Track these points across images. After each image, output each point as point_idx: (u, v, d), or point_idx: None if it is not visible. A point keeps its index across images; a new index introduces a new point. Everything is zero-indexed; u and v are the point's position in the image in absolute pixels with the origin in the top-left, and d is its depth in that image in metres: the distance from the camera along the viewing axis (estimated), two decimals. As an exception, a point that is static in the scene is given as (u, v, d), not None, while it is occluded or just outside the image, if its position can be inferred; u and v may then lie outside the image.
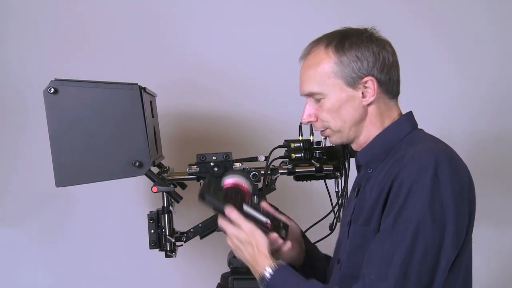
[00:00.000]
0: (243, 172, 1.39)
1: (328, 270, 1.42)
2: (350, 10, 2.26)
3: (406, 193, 1.11)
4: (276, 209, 1.45)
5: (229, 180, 1.35)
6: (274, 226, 1.28)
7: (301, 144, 1.64)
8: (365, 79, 1.24)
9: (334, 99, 1.25)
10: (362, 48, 1.24)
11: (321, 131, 1.31)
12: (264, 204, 1.34)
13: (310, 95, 1.28)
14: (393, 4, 2.28)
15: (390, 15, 2.27)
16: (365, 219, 1.21)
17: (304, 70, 1.28)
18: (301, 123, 1.67)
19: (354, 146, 1.32)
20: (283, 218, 1.36)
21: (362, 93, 1.25)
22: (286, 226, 1.33)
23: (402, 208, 1.11)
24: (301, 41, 2.29)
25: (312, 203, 2.08)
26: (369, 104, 1.25)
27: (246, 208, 1.27)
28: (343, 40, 1.25)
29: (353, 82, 1.24)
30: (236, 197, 1.30)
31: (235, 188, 1.34)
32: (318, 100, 1.27)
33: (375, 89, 1.24)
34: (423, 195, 1.10)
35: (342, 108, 1.25)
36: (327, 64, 1.24)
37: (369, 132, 1.28)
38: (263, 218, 1.28)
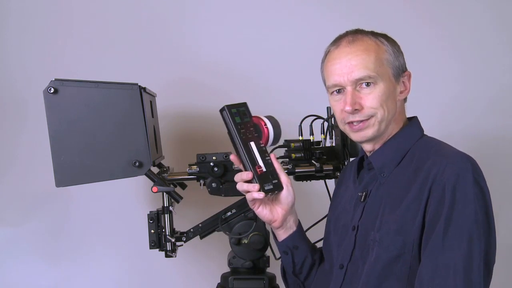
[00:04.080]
0: (277, 122, 1.38)
1: (321, 274, 1.41)
2: (351, 11, 2.26)
3: (451, 201, 1.10)
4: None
5: (260, 116, 1.35)
6: (262, 175, 1.26)
7: (301, 144, 1.64)
8: (406, 73, 1.27)
9: (384, 87, 1.23)
10: (398, 45, 1.28)
11: (360, 122, 1.24)
12: (273, 156, 1.30)
13: (361, 79, 1.22)
14: (395, 4, 2.28)
15: (392, 14, 2.27)
16: (395, 228, 1.17)
17: (355, 55, 1.23)
18: (301, 123, 1.68)
19: (372, 144, 1.28)
20: (285, 179, 1.30)
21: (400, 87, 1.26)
22: (278, 187, 1.29)
23: (451, 215, 1.10)
24: (302, 41, 2.31)
25: (312, 203, 2.08)
26: (400, 100, 1.27)
27: (252, 144, 1.27)
28: (384, 34, 1.27)
29: (398, 74, 1.25)
30: (251, 130, 1.29)
31: (258, 124, 1.33)
32: (367, 85, 1.22)
33: (410, 85, 1.27)
34: (469, 200, 1.10)
35: (388, 98, 1.23)
36: (381, 50, 1.24)
37: (392, 130, 1.27)
38: (261, 162, 1.27)
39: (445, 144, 1.25)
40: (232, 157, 1.31)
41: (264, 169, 1.27)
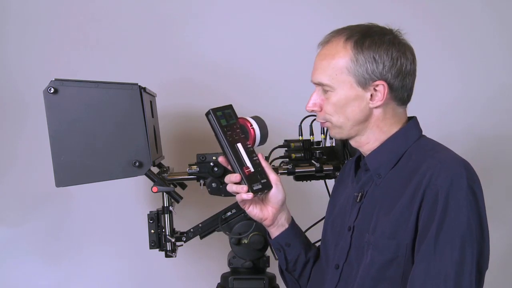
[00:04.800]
0: (264, 123, 1.40)
1: (318, 273, 1.41)
2: (351, 11, 2.26)
3: (444, 206, 1.10)
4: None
5: (246, 117, 1.36)
6: (251, 176, 1.28)
7: (301, 144, 1.64)
8: (377, 82, 1.21)
9: (341, 95, 1.22)
10: (381, 50, 1.20)
11: (322, 122, 1.30)
12: (260, 155, 1.32)
13: (319, 84, 1.26)
14: (394, 4, 2.28)
15: (392, 14, 2.26)
16: (389, 231, 1.17)
17: (319, 59, 1.25)
18: (301, 123, 1.68)
19: (354, 143, 1.30)
20: (274, 178, 1.32)
21: (371, 95, 1.22)
22: (267, 186, 1.30)
23: (442, 222, 1.10)
24: (301, 42, 2.30)
25: (312, 203, 2.08)
26: (375, 107, 1.23)
27: (238, 145, 1.30)
28: (364, 38, 1.21)
29: (364, 82, 1.21)
30: (237, 132, 1.31)
31: (244, 125, 1.35)
32: (325, 92, 1.24)
33: (384, 94, 1.21)
34: (462, 207, 1.10)
35: (347, 106, 1.23)
36: (342, 58, 1.21)
37: (374, 134, 1.26)
38: (248, 163, 1.29)
39: (442, 146, 1.24)
40: (221, 159, 1.34)
41: (252, 170, 1.29)
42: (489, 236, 1.14)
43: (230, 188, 1.30)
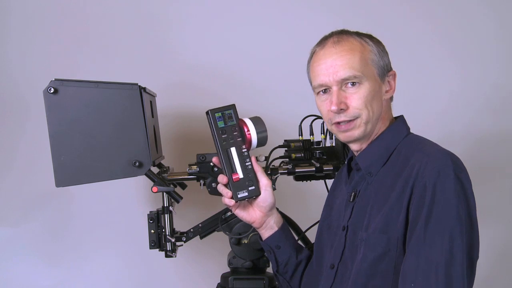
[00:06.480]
0: (263, 126, 1.35)
1: (311, 275, 1.41)
2: (349, 9, 2.26)
3: (432, 197, 1.11)
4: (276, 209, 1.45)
5: (246, 120, 1.34)
6: (238, 183, 1.29)
7: (301, 144, 1.64)
8: (391, 72, 1.27)
9: (369, 87, 1.23)
10: (381, 43, 1.28)
11: (346, 122, 1.24)
12: (253, 160, 1.32)
13: (346, 79, 1.22)
14: (394, 4, 2.28)
15: (391, 14, 2.27)
16: (381, 226, 1.18)
17: (340, 55, 1.23)
18: (301, 123, 1.68)
19: (359, 144, 1.29)
20: (264, 183, 1.32)
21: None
22: (254, 192, 1.31)
23: (431, 212, 1.10)
24: (299, 42, 2.30)
25: (312, 203, 2.08)
26: (386, 99, 1.27)
27: (232, 150, 1.30)
28: (369, 35, 1.27)
29: (383, 73, 1.26)
30: (234, 134, 1.31)
31: (242, 128, 1.33)
32: (353, 84, 1.22)
33: (395, 84, 1.27)
34: (450, 197, 1.10)
35: (374, 98, 1.24)
36: (366, 50, 1.24)
37: (379, 129, 1.27)
38: (238, 169, 1.30)
39: (428, 141, 1.25)
40: (214, 159, 1.36)
41: (241, 176, 1.30)
42: (478, 226, 1.15)
43: (219, 188, 1.33)
